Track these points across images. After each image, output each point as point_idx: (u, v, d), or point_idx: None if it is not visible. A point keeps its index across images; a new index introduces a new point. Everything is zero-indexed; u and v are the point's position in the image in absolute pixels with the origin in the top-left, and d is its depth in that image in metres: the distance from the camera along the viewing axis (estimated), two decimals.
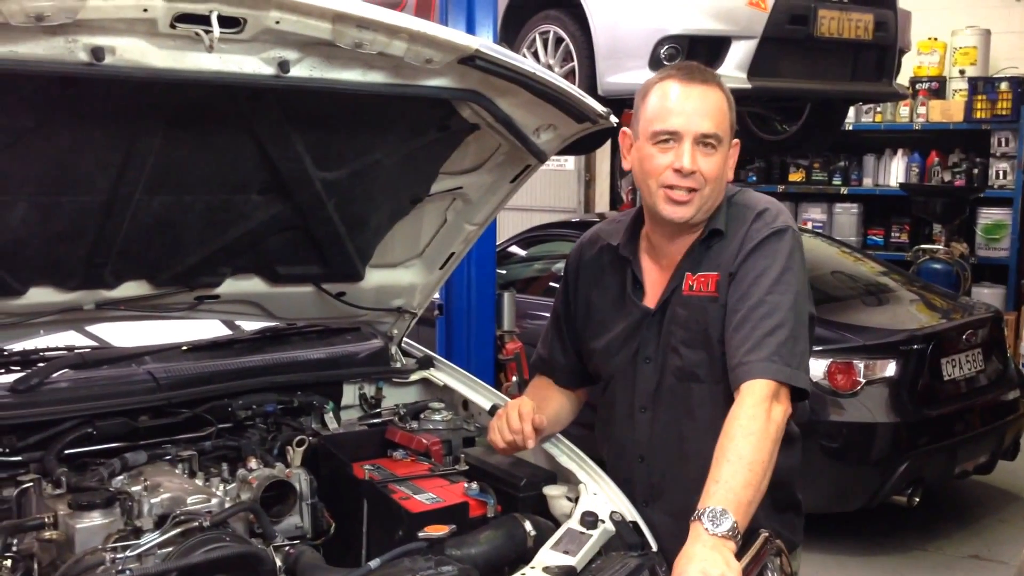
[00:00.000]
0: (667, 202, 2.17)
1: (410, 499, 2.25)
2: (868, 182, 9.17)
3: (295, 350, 2.88)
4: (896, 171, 9.01)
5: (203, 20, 1.75)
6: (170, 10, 1.71)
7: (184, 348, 2.78)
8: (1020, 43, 8.82)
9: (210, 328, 3.00)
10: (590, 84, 5.29)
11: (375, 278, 2.75)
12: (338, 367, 2.84)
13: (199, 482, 2.27)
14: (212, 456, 2.42)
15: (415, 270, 2.82)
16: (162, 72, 1.81)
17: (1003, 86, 8.27)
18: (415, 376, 2.90)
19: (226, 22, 1.77)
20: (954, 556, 5.12)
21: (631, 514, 2.23)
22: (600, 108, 2.29)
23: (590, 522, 2.13)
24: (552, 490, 2.30)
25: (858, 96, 6.85)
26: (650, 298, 2.30)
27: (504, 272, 6.15)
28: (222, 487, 2.26)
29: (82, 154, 2.02)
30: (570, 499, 2.27)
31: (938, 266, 7.84)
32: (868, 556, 5.10)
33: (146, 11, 1.69)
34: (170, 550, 1.92)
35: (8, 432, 2.25)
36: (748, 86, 5.19)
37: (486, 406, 2.64)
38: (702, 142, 2.14)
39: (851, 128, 8.77)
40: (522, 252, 6.66)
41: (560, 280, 2.55)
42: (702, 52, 5.13)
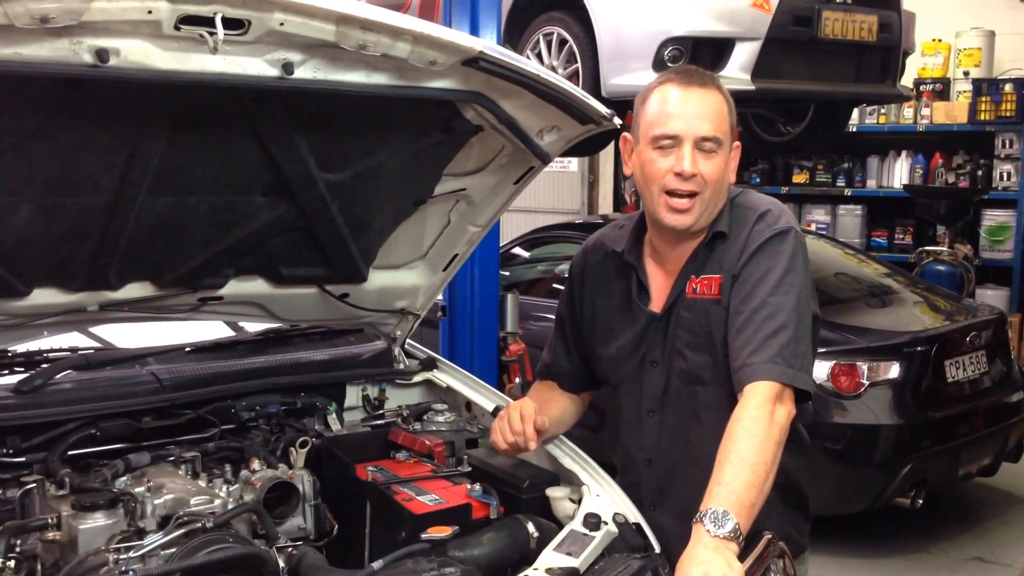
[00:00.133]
0: (668, 210, 2.17)
1: (413, 500, 2.25)
2: (872, 184, 9.16)
3: (298, 351, 2.89)
4: (900, 173, 9.00)
5: (207, 22, 1.75)
6: (174, 12, 1.71)
7: (187, 349, 2.79)
8: None
9: (213, 329, 3.01)
10: (594, 86, 5.29)
11: (378, 280, 2.75)
12: (341, 368, 2.84)
13: (202, 483, 2.28)
14: (215, 457, 2.42)
15: (418, 272, 2.81)
16: (166, 74, 1.81)
17: (1007, 87, 8.26)
18: (418, 378, 2.90)
19: (230, 24, 1.77)
20: (957, 558, 5.11)
21: (634, 516, 2.23)
22: (604, 110, 2.29)
23: (593, 524, 2.13)
24: (555, 492, 2.30)
25: (862, 98, 6.85)
26: (656, 302, 2.29)
27: (507, 273, 6.16)
28: (225, 488, 2.27)
29: (86, 155, 2.03)
30: (573, 501, 2.27)
31: (942, 268, 7.83)
32: (871, 558, 5.09)
33: (150, 13, 1.69)
34: (173, 551, 1.92)
35: (12, 433, 2.26)
36: (752, 88, 5.19)
37: (489, 408, 2.64)
38: (702, 145, 2.13)
39: (855, 130, 8.77)
40: (526, 254, 6.66)
41: (564, 285, 2.54)
42: (706, 54, 5.12)
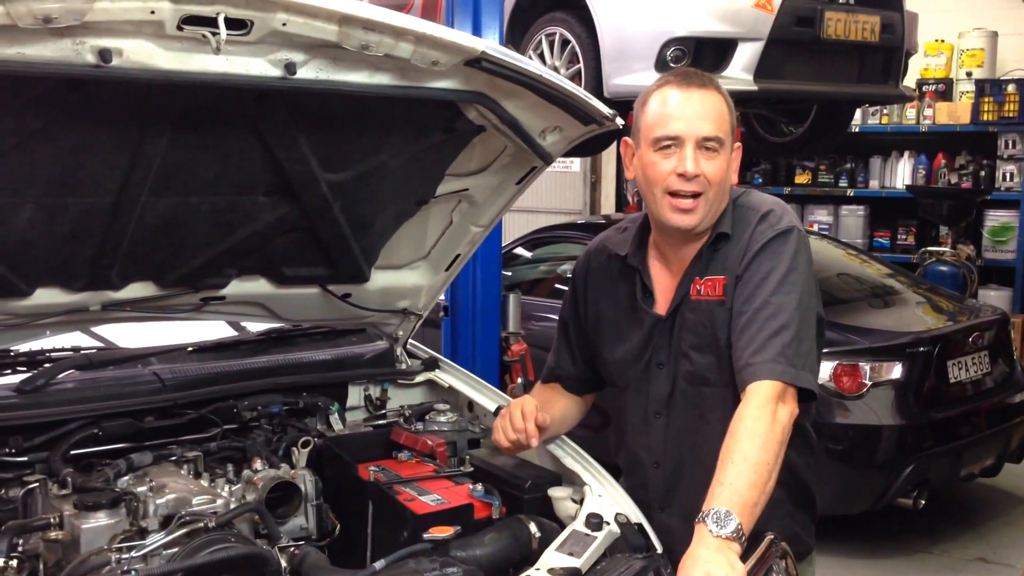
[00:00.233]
0: (672, 211, 2.16)
1: (415, 500, 2.25)
2: (874, 184, 9.15)
3: (300, 351, 2.89)
4: (902, 173, 9.00)
5: (210, 22, 1.75)
6: (177, 12, 1.71)
7: (190, 349, 2.80)
8: None
9: (216, 329, 3.01)
10: (596, 86, 5.29)
11: (381, 280, 2.75)
12: (343, 368, 2.84)
13: (204, 483, 2.28)
14: (217, 457, 2.42)
15: (421, 271, 2.82)
16: (169, 74, 1.81)
17: (1010, 88, 8.26)
18: (420, 377, 2.90)
19: (233, 24, 1.77)
20: (960, 559, 5.11)
21: (636, 516, 2.23)
22: (606, 110, 2.29)
23: (595, 524, 2.13)
24: (557, 492, 2.30)
25: (864, 98, 6.84)
26: (660, 305, 2.29)
27: (510, 273, 6.16)
28: (227, 488, 2.26)
29: (89, 156, 2.03)
30: (575, 501, 2.27)
31: (944, 268, 7.83)
32: (873, 559, 5.09)
33: (153, 13, 1.70)
34: (175, 551, 1.92)
35: (14, 433, 2.26)
36: (754, 88, 5.18)
37: (491, 407, 2.64)
38: (704, 145, 2.13)
39: (857, 130, 8.77)
40: (528, 254, 6.66)
41: (567, 289, 2.53)
42: (708, 54, 5.12)
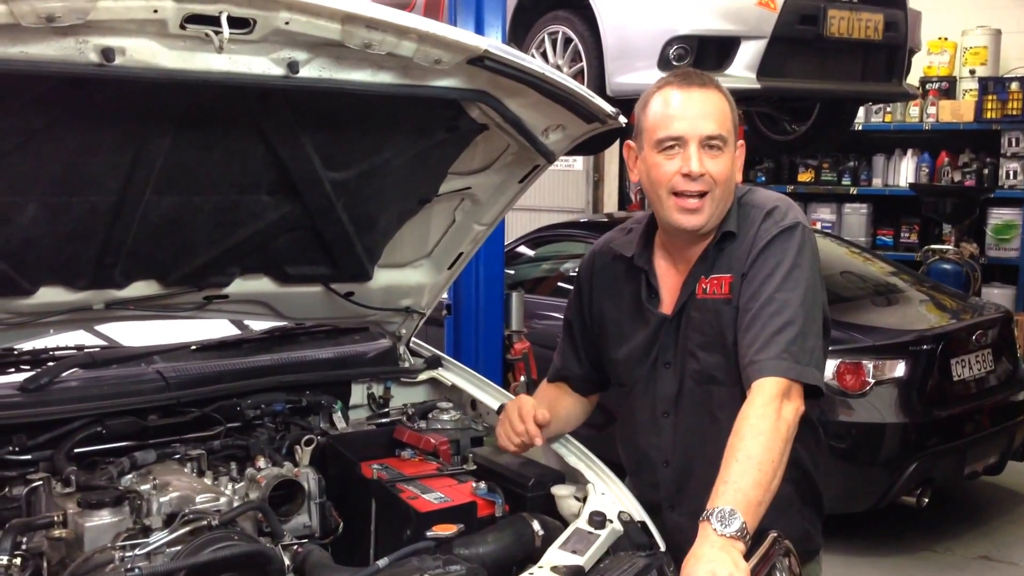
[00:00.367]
0: (679, 212, 2.16)
1: (418, 498, 2.25)
2: (878, 182, 9.15)
3: (303, 350, 2.89)
4: (906, 171, 9.00)
5: (213, 21, 1.75)
6: (180, 11, 1.71)
7: (193, 348, 2.80)
8: None
9: (219, 328, 3.01)
10: (599, 84, 5.29)
11: (383, 278, 2.75)
12: (346, 367, 2.85)
13: (208, 481, 2.28)
14: (221, 455, 2.43)
15: (423, 270, 2.82)
16: (172, 73, 1.81)
17: (1013, 86, 8.25)
18: (423, 376, 2.90)
19: (236, 23, 1.77)
20: (963, 557, 5.11)
21: (639, 514, 2.23)
22: (609, 108, 2.29)
23: (598, 522, 2.13)
24: (560, 490, 2.30)
25: (868, 96, 6.84)
26: (666, 304, 2.28)
27: (512, 272, 6.15)
28: (231, 486, 2.27)
29: (92, 155, 2.03)
30: (578, 499, 2.27)
31: (948, 266, 7.81)
32: (877, 557, 5.09)
33: (156, 12, 1.69)
34: (179, 549, 1.93)
35: (18, 431, 2.26)
36: (757, 86, 5.18)
37: (494, 406, 2.64)
38: (707, 144, 2.13)
39: (861, 128, 8.77)
40: (530, 252, 6.66)
41: (572, 289, 2.53)
42: (711, 52, 5.12)
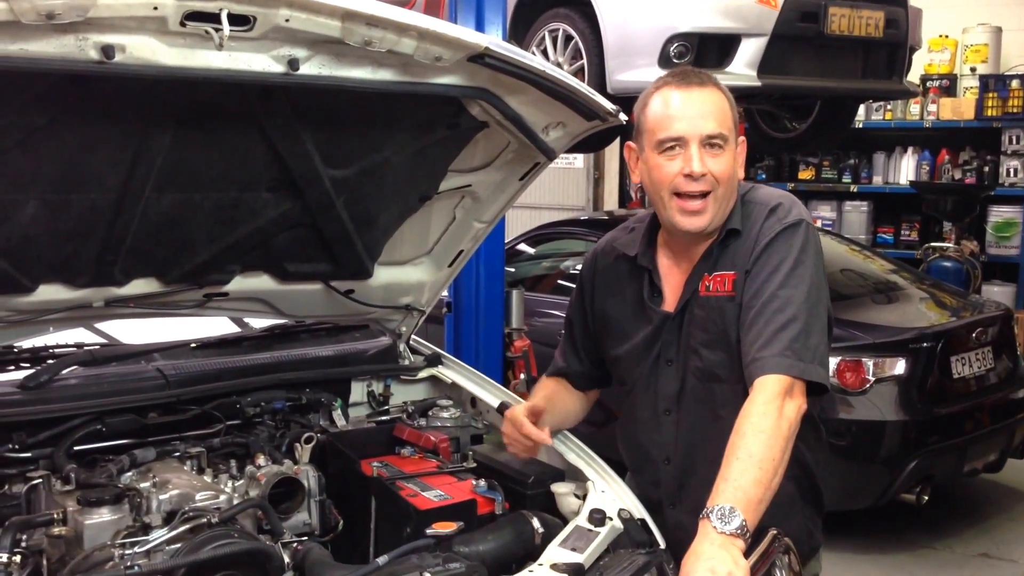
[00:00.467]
0: (682, 214, 2.15)
1: (418, 496, 2.25)
2: (878, 180, 9.14)
3: (304, 347, 2.89)
4: (906, 169, 8.99)
5: (213, 18, 1.75)
6: (180, 8, 1.71)
7: (193, 345, 2.79)
8: None
9: (219, 325, 3.01)
10: (599, 82, 5.28)
11: (384, 276, 2.75)
12: (346, 364, 2.85)
13: (208, 479, 2.28)
14: (221, 453, 2.43)
15: (424, 268, 2.82)
16: (172, 70, 1.81)
17: (1014, 84, 8.24)
18: (423, 373, 2.90)
19: (236, 20, 1.77)
20: (963, 554, 5.11)
21: (639, 512, 2.23)
22: (609, 106, 2.29)
23: (598, 519, 2.13)
24: (560, 487, 2.30)
25: (868, 94, 6.83)
26: (669, 302, 2.28)
27: (513, 270, 6.16)
28: (231, 484, 2.27)
29: (92, 152, 2.03)
30: (578, 496, 2.27)
31: (948, 264, 7.81)
32: (877, 554, 5.09)
33: (156, 9, 1.70)
34: (178, 546, 1.93)
35: (18, 429, 2.27)
36: (758, 84, 5.18)
37: (494, 403, 2.64)
38: (708, 143, 2.12)
39: (861, 126, 8.77)
40: (531, 250, 6.66)
41: (574, 288, 2.53)
42: (712, 50, 5.12)
